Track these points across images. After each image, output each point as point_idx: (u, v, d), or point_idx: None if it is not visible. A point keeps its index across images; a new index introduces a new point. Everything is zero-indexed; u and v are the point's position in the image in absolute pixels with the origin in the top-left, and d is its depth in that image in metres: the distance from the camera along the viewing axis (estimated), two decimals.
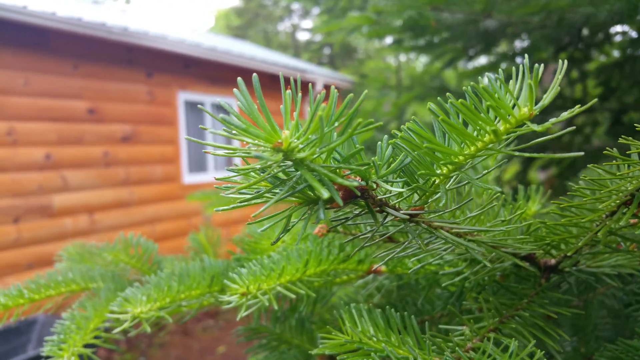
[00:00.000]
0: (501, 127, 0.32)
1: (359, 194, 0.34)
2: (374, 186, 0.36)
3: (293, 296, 0.55)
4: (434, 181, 0.37)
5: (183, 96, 6.07)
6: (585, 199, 0.46)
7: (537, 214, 0.70)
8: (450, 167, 0.36)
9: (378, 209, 0.38)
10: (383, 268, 0.71)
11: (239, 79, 0.32)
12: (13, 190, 4.47)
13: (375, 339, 0.48)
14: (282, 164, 0.32)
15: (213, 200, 1.56)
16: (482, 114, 0.32)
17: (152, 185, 5.69)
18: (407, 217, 0.38)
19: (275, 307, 0.53)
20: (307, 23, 26.54)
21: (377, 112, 2.53)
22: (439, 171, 0.36)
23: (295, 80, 0.33)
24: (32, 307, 0.85)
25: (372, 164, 0.34)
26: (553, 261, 0.59)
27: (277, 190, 0.35)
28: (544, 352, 0.49)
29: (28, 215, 4.58)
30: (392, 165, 0.35)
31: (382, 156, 0.36)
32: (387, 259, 0.45)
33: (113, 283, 0.81)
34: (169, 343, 5.22)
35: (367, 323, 0.50)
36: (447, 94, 0.36)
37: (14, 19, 4.23)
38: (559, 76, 0.32)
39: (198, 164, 6.39)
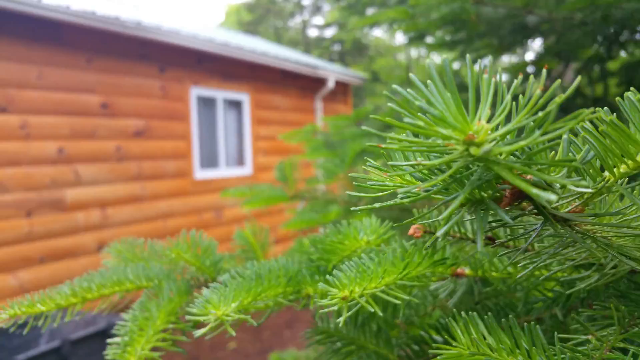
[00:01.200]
0: None
1: (555, 197, 0.30)
2: (550, 186, 0.32)
3: (397, 301, 0.51)
4: (608, 180, 0.33)
5: (195, 91, 6.03)
6: None
7: None
8: (631, 164, 0.32)
9: (536, 211, 0.34)
10: (467, 271, 0.67)
11: (428, 61, 0.28)
12: (26, 184, 4.44)
13: (498, 351, 0.44)
14: (467, 160, 0.28)
15: (248, 197, 1.52)
16: None
17: (164, 180, 5.65)
18: (578, 220, 0.33)
19: (380, 313, 0.49)
20: (318, 19, 26.42)
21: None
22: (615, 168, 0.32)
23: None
24: (86, 307, 0.81)
25: (575, 161, 0.30)
26: None
27: (446, 189, 0.31)
28: None
29: (40, 209, 4.54)
30: (574, 162, 0.31)
31: (566, 152, 0.32)
32: (534, 266, 0.41)
33: (174, 282, 0.77)
34: None
35: (486, 333, 0.46)
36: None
37: (28, 12, 4.19)
38: None
39: (209, 160, 6.35)
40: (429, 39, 3.15)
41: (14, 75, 4.35)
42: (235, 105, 6.75)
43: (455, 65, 3.08)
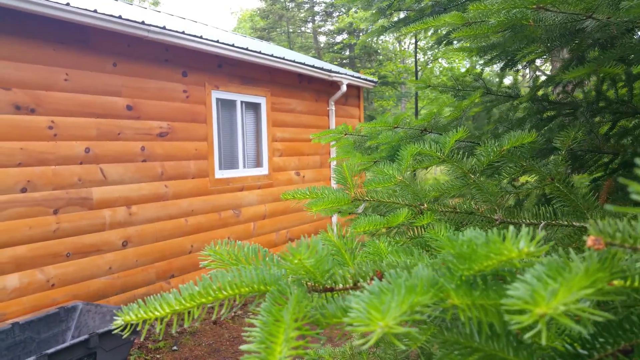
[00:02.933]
0: None
1: None
2: None
3: (600, 318, 0.46)
4: None
5: (216, 95, 5.98)
6: None
7: None
8: None
9: None
10: (616, 282, 0.62)
11: None
12: (54, 182, 4.39)
13: None
14: None
15: (312, 200, 1.47)
16: None
17: (186, 180, 5.60)
18: None
19: (585, 332, 0.44)
20: (329, 25, 26.30)
21: (439, 114, 2.43)
22: None
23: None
24: (202, 310, 0.76)
25: None
26: None
27: None
28: None
29: (68, 206, 4.49)
30: None
31: None
32: None
33: (293, 287, 0.72)
34: (200, 332, 5.13)
35: None
36: None
37: (56, 16, 4.14)
38: None
39: (229, 161, 6.30)
40: (457, 44, 3.09)
41: (42, 77, 4.29)
42: (253, 107, 6.70)
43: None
